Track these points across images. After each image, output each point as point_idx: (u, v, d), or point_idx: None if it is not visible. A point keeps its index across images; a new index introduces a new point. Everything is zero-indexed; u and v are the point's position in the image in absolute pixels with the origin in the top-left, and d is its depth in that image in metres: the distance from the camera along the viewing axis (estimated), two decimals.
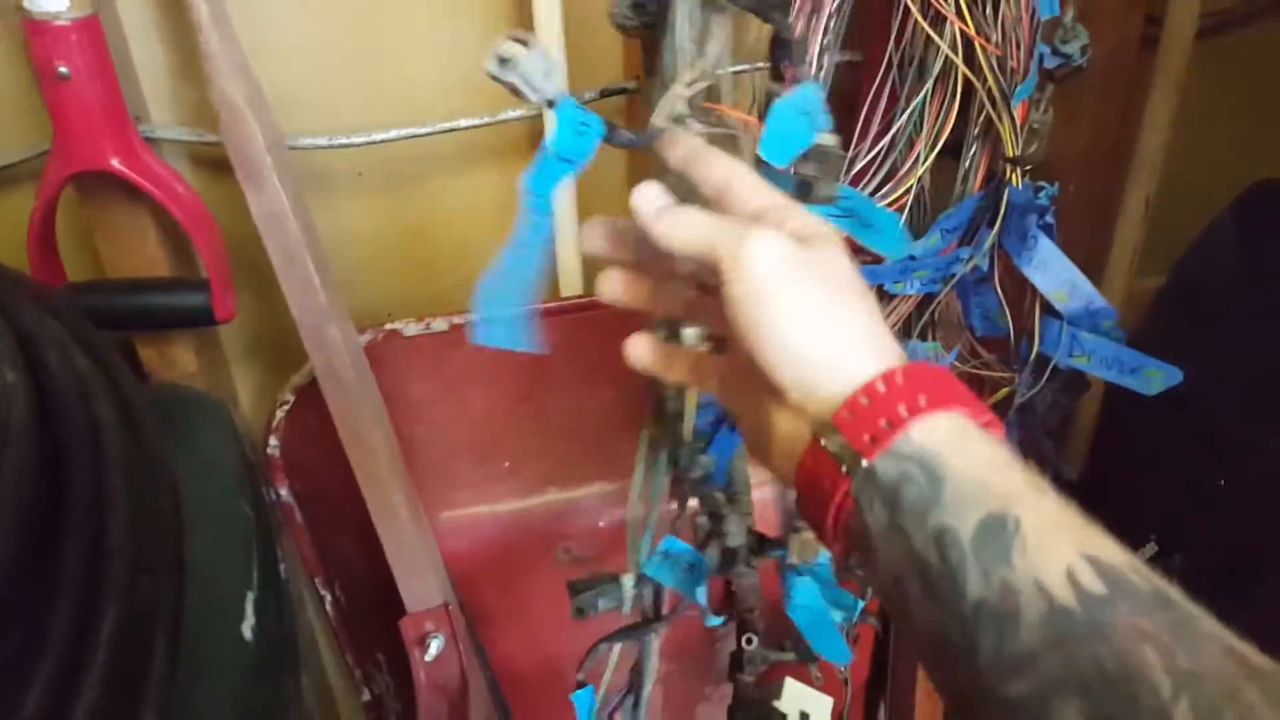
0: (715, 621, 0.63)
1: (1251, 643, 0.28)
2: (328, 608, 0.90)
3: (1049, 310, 0.66)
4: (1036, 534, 0.30)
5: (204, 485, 0.67)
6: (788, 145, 0.48)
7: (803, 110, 0.49)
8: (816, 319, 0.35)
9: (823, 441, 0.34)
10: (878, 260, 0.68)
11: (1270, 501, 0.89)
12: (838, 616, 0.62)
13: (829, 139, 0.51)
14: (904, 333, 0.73)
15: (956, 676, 0.31)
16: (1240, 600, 0.89)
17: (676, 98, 0.48)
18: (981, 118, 0.68)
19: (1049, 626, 0.28)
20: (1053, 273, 0.64)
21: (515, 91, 0.41)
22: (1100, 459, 1.03)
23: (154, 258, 0.74)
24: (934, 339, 0.72)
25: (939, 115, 0.68)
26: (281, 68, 0.75)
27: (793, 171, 0.51)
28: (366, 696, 0.93)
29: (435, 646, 0.75)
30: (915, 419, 0.33)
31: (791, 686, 0.72)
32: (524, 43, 0.40)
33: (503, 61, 0.40)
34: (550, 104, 0.41)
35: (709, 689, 0.93)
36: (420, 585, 0.75)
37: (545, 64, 0.40)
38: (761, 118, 0.58)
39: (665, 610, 0.64)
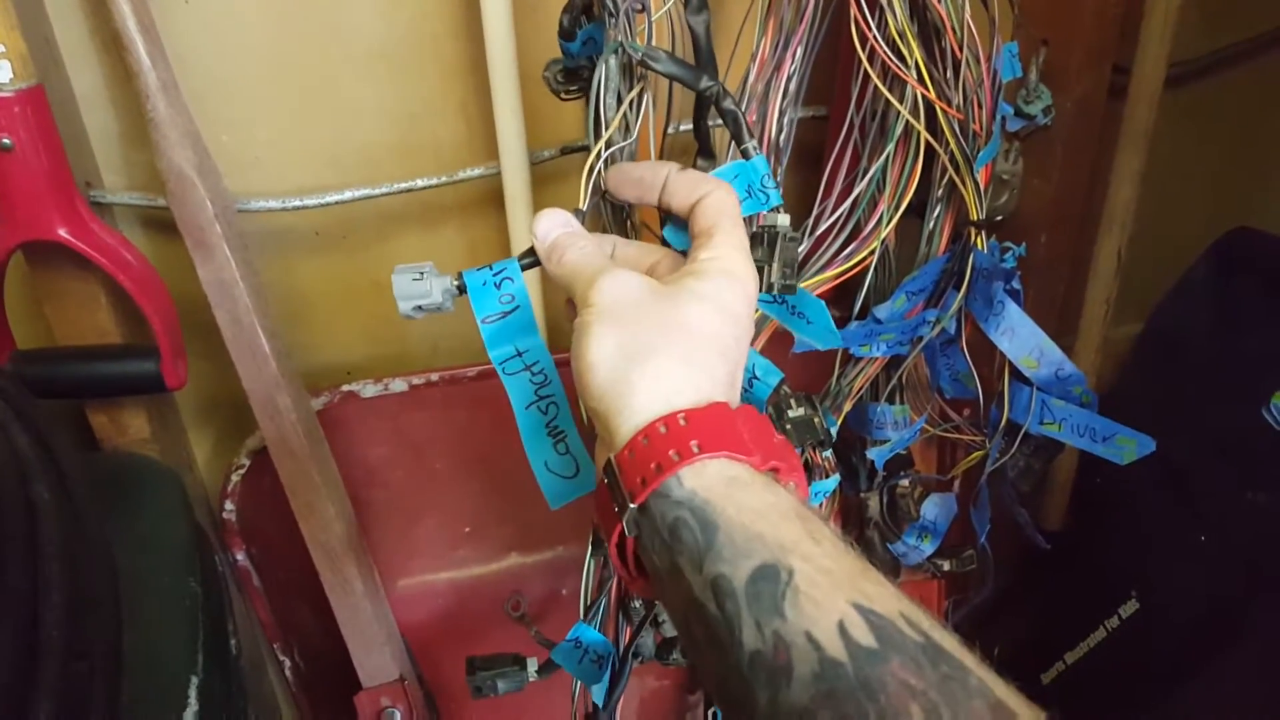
0: None
1: (1235, 696, 0.28)
2: (287, 673, 0.88)
3: (1018, 375, 0.65)
4: (809, 585, 0.30)
5: (149, 562, 0.65)
6: None
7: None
8: (627, 358, 0.36)
9: (605, 479, 0.35)
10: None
11: (1251, 557, 0.87)
12: None
13: (780, 219, 0.49)
14: (871, 396, 0.71)
15: None
16: (1222, 656, 0.88)
17: (597, 165, 0.47)
18: (945, 179, 0.67)
19: (820, 681, 0.28)
20: (1020, 339, 0.63)
21: (435, 309, 0.45)
22: (1080, 514, 1.01)
23: (104, 325, 0.72)
24: (902, 402, 0.71)
25: (901, 176, 0.67)
26: (236, 130, 0.74)
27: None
28: None
29: None
30: (685, 464, 0.33)
31: None
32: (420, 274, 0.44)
33: (417, 309, 0.44)
34: (461, 291, 0.44)
35: None
36: (376, 660, 0.73)
37: (410, 273, 0.44)
38: None
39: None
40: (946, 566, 0.74)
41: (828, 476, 0.73)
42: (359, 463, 0.79)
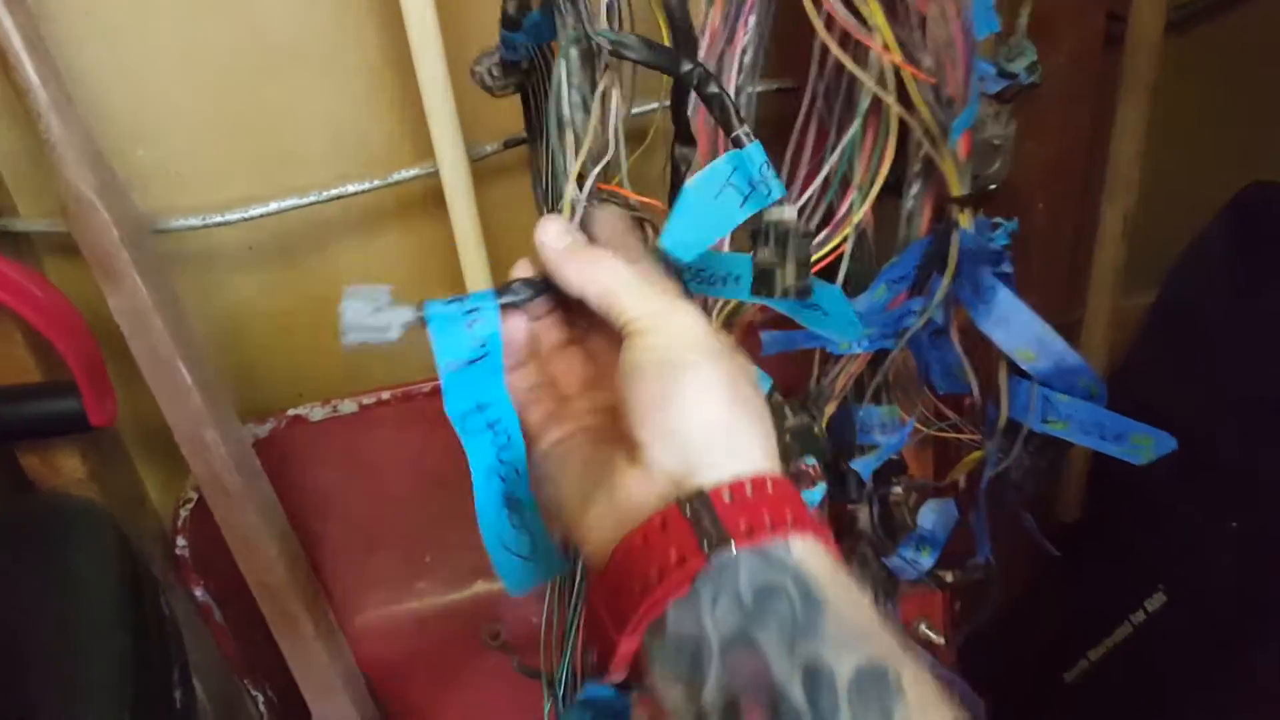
0: None
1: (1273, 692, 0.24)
2: (261, 708, 0.84)
3: (1017, 368, 0.58)
4: (919, 697, 0.27)
5: (72, 617, 0.60)
6: (703, 231, 0.40)
7: (727, 183, 0.41)
8: (737, 403, 0.32)
9: (687, 510, 0.30)
10: None
11: None
12: None
13: (785, 213, 0.43)
14: (856, 396, 0.64)
15: None
16: (1258, 650, 0.81)
17: (567, 185, 0.41)
18: (922, 152, 0.60)
19: None
20: (1015, 328, 0.56)
21: (378, 340, 0.36)
22: (1098, 502, 0.94)
23: (23, 362, 0.67)
24: (890, 402, 0.64)
25: (873, 152, 0.60)
26: (153, 144, 0.69)
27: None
28: None
29: None
30: (798, 532, 0.30)
31: None
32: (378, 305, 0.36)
33: (348, 330, 0.35)
34: (421, 322, 0.36)
35: None
36: (333, 705, 0.68)
37: (368, 303, 0.35)
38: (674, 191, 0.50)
39: None
40: (950, 578, 0.68)
41: (813, 485, 0.67)
42: (310, 491, 0.73)
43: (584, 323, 0.40)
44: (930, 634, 0.71)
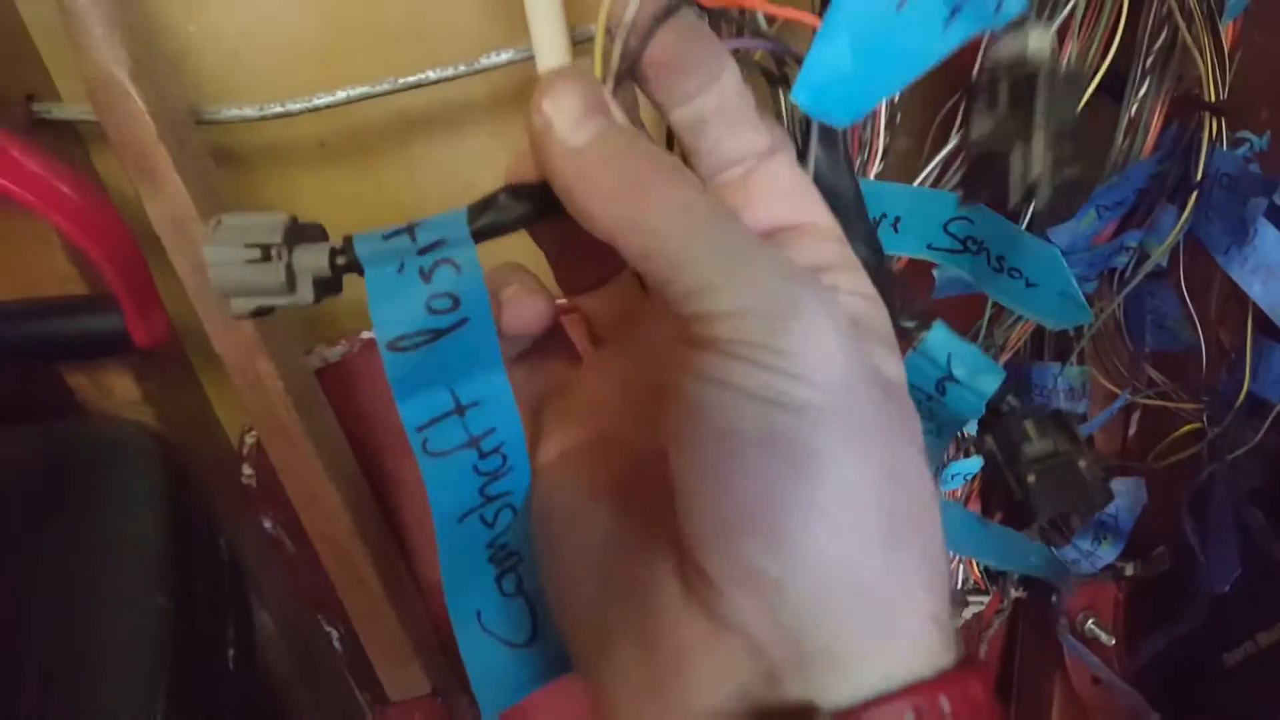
0: None
1: None
2: (336, 645, 0.78)
3: (1268, 328, 0.45)
4: None
5: (102, 569, 0.53)
6: (872, 74, 0.23)
7: None
8: (879, 527, 0.18)
9: None
10: None
11: None
12: None
13: (1033, 43, 0.28)
14: (1035, 352, 0.52)
15: None
16: None
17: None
18: (1162, 38, 0.46)
19: None
20: None
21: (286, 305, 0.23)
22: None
23: (62, 271, 0.59)
24: (1083, 362, 0.52)
25: (1093, 37, 0.46)
26: (207, 17, 0.59)
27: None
28: None
29: None
30: None
31: None
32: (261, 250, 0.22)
33: (222, 292, 0.22)
34: (345, 268, 0.23)
35: None
36: (403, 671, 0.60)
37: (238, 248, 0.21)
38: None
39: None
40: (1130, 571, 0.56)
41: (968, 454, 0.55)
42: (386, 427, 0.65)
43: None
44: (1099, 632, 0.60)
